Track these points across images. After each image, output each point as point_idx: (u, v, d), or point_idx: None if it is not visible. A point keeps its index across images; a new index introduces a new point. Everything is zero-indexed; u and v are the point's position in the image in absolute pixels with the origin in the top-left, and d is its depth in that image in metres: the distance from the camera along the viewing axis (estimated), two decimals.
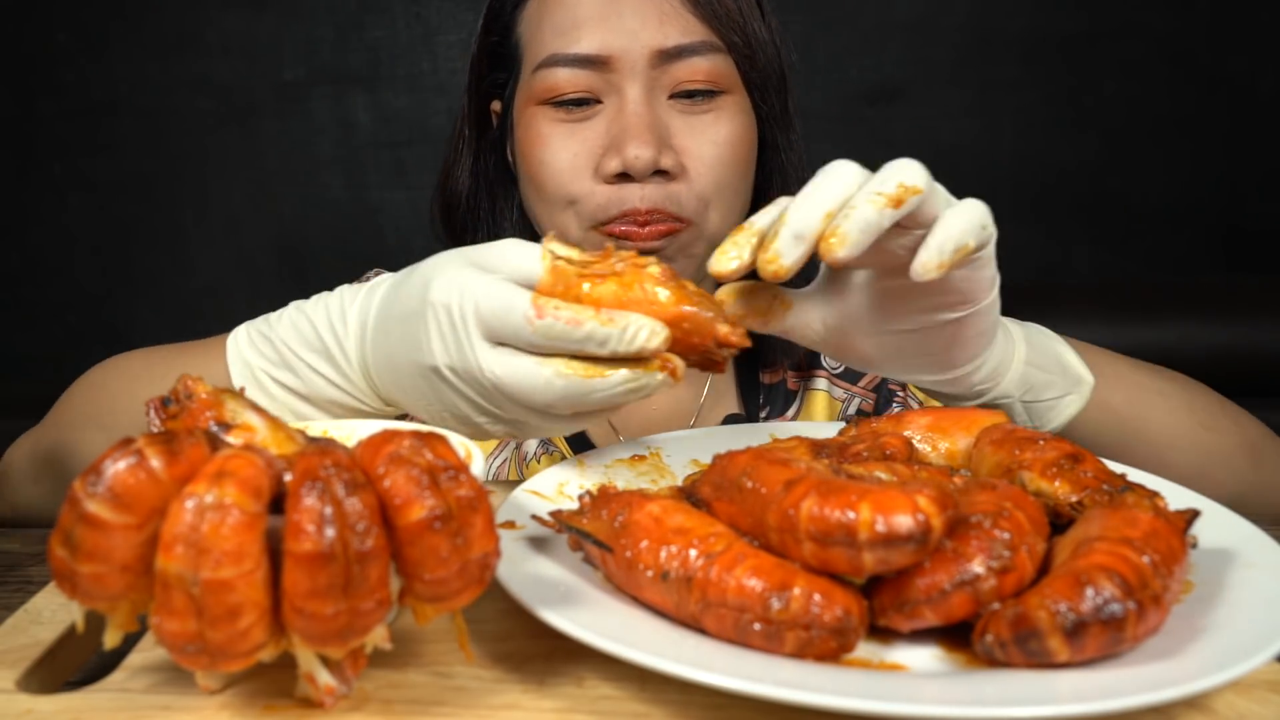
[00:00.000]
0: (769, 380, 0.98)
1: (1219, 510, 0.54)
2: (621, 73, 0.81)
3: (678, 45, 0.81)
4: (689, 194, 0.82)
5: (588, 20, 0.81)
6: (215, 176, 2.42)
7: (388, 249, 2.40)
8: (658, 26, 0.80)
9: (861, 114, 2.29)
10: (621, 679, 0.44)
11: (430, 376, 0.57)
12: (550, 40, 0.83)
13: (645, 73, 0.81)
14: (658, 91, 0.82)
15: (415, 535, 0.37)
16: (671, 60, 0.81)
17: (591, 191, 0.82)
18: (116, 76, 2.37)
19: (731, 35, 0.83)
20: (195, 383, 0.47)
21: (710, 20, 0.82)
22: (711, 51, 0.82)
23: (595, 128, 0.82)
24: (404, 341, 0.58)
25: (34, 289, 2.48)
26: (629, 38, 0.80)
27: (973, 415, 0.61)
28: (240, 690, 0.43)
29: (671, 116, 0.82)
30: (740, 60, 0.84)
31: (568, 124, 0.83)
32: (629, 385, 0.54)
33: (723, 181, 0.83)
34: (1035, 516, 0.45)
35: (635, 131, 0.79)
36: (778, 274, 0.52)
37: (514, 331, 0.53)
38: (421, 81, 2.36)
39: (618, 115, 0.81)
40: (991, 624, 0.41)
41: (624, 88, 0.81)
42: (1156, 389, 0.75)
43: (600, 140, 0.82)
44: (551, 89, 0.82)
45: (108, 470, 0.36)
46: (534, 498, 0.57)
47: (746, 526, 0.46)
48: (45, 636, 0.49)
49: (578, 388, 0.53)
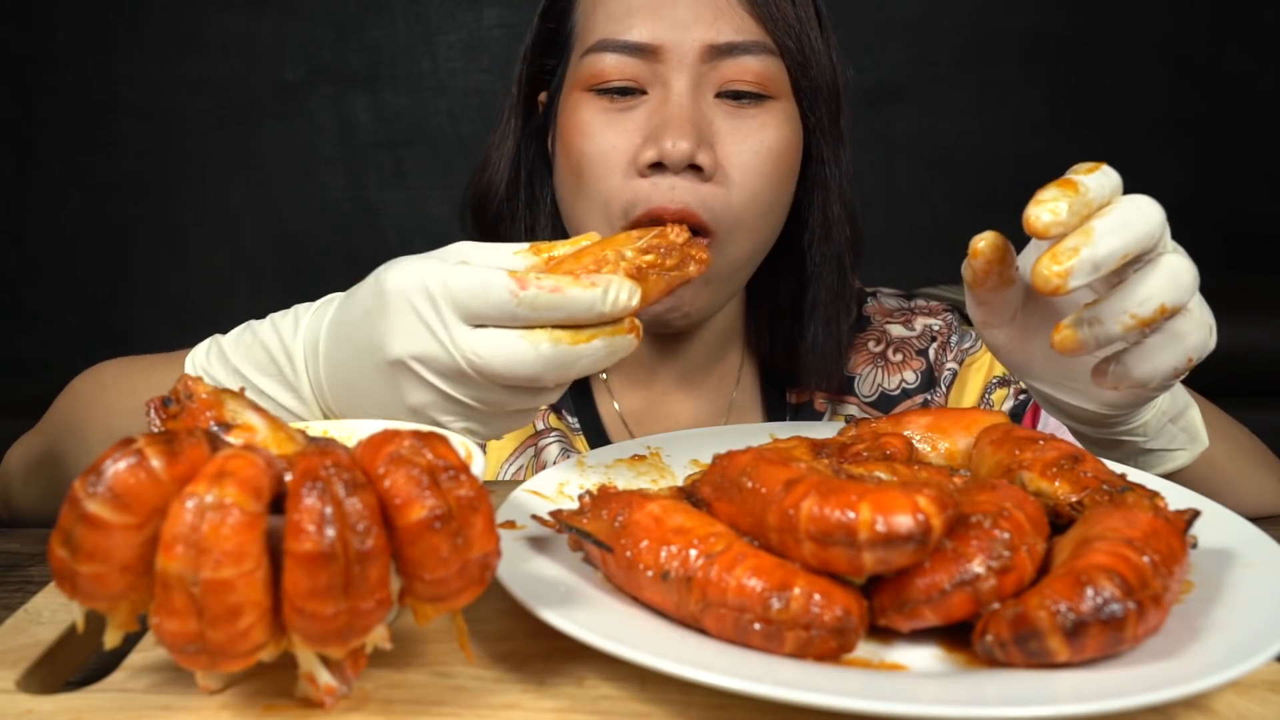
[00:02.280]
0: (795, 400, 0.96)
1: (1219, 510, 0.54)
2: (670, 64, 0.79)
3: (729, 42, 0.79)
4: (722, 202, 0.79)
5: (641, 9, 0.80)
6: (215, 176, 2.42)
7: (388, 249, 2.39)
8: (711, 21, 0.79)
9: (861, 114, 2.28)
10: (621, 679, 0.44)
11: (392, 373, 0.56)
12: (602, 26, 0.82)
13: (694, 67, 0.79)
14: (705, 88, 0.80)
15: (415, 535, 0.37)
16: (722, 57, 0.79)
17: (621, 187, 0.80)
18: (116, 76, 2.37)
19: (786, 39, 0.81)
20: (195, 383, 0.47)
21: (765, 21, 0.81)
22: (763, 53, 0.80)
23: (636, 119, 0.80)
24: (360, 344, 0.57)
25: (34, 289, 2.48)
26: (681, 29, 0.79)
27: (973, 415, 0.61)
28: (240, 690, 0.43)
29: (716, 115, 0.80)
30: (793, 66, 0.82)
31: (609, 113, 0.81)
32: (609, 349, 0.55)
33: (758, 192, 0.81)
34: (1035, 516, 0.45)
35: (675, 122, 0.77)
36: (1058, 290, 0.50)
37: (497, 308, 0.53)
38: (421, 81, 2.36)
39: (660, 106, 0.79)
40: (991, 624, 0.41)
41: (670, 80, 0.79)
42: (1246, 446, 0.79)
43: (640, 132, 0.80)
44: (598, 74, 0.81)
45: (108, 470, 0.36)
46: (534, 498, 0.57)
47: (746, 526, 0.46)
48: (45, 636, 0.49)
49: (566, 354, 0.54)
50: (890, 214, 2.22)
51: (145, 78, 2.37)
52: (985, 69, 2.29)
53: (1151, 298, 0.51)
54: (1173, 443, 0.70)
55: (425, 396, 0.56)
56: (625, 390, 0.95)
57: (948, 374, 0.95)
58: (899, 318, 0.99)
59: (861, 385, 0.96)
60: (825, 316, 0.90)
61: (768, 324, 0.95)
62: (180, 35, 2.35)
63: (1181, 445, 0.70)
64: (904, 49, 2.28)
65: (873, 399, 0.96)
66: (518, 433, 0.93)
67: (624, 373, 0.95)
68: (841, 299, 0.90)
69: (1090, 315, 0.52)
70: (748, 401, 0.97)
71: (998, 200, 0.60)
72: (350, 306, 0.59)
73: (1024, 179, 0.72)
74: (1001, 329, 0.61)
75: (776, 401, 0.96)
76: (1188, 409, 0.70)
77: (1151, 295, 0.51)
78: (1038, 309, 0.60)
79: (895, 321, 0.99)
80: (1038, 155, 2.29)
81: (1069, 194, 0.50)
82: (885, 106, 2.29)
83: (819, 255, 0.89)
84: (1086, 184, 0.51)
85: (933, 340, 0.97)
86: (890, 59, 2.28)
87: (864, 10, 2.25)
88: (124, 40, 2.36)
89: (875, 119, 2.30)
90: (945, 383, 0.95)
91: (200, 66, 2.36)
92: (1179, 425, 0.69)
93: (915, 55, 2.29)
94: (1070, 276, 0.49)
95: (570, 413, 0.94)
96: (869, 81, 2.29)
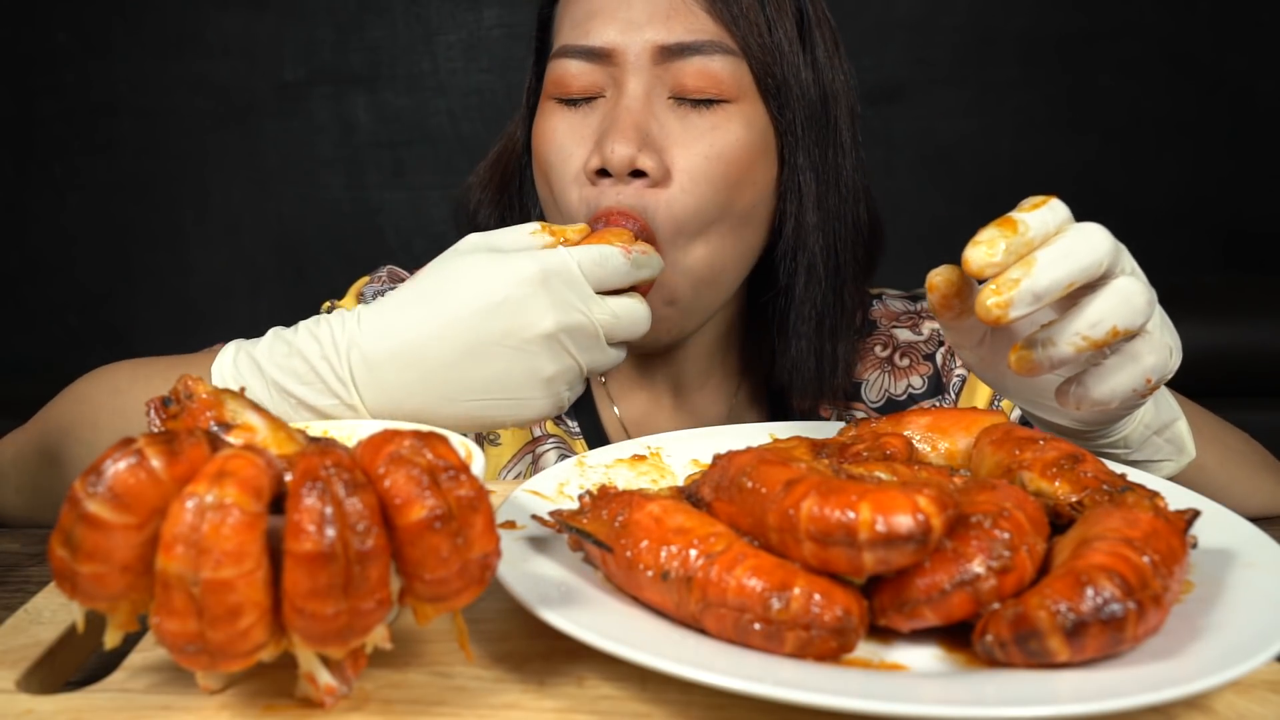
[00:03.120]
0: (800, 407, 0.93)
1: (1219, 510, 0.54)
2: (624, 67, 0.77)
3: (679, 42, 0.76)
4: (665, 208, 0.76)
5: (600, 12, 0.79)
6: (215, 176, 2.42)
7: (387, 249, 2.40)
8: (664, 21, 0.77)
9: (861, 114, 2.29)
10: (621, 679, 0.44)
11: (539, 348, 0.63)
12: (566, 32, 0.81)
13: (647, 69, 0.77)
14: (659, 90, 0.78)
15: (415, 535, 0.37)
16: (674, 58, 0.77)
17: (580, 197, 0.78)
18: (116, 76, 2.37)
19: (748, 38, 0.78)
20: (195, 383, 0.47)
21: (724, 20, 0.77)
22: (719, 53, 0.77)
23: (591, 124, 0.79)
24: (495, 330, 0.62)
25: (34, 289, 2.48)
26: (633, 31, 0.77)
27: (972, 415, 0.61)
28: (240, 690, 0.43)
29: (669, 119, 0.78)
30: (756, 66, 0.79)
31: (569, 120, 0.80)
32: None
33: (705, 199, 0.77)
34: (1035, 516, 0.45)
35: (619, 126, 0.75)
36: (999, 321, 0.51)
37: (617, 271, 0.64)
38: (421, 81, 2.36)
39: (610, 110, 0.78)
40: (991, 624, 0.41)
41: (625, 82, 0.77)
42: (1239, 450, 0.78)
43: (593, 138, 0.78)
44: (559, 81, 0.80)
45: (108, 470, 0.36)
46: (534, 498, 0.57)
47: (746, 526, 0.46)
48: (45, 636, 0.49)
49: (644, 311, 0.67)
50: (890, 214, 2.21)
51: (145, 78, 2.37)
52: (985, 69, 2.28)
53: (1103, 320, 0.53)
54: (1157, 454, 0.69)
55: (562, 364, 0.64)
56: (625, 395, 0.95)
57: (956, 380, 0.94)
58: (905, 321, 0.97)
59: (869, 391, 0.94)
60: (808, 331, 0.85)
61: (755, 338, 0.93)
62: (180, 35, 2.35)
63: (1167, 456, 0.70)
64: (904, 49, 2.28)
65: (879, 404, 0.94)
66: (516, 439, 0.93)
67: (624, 378, 0.95)
68: (833, 312, 0.86)
69: (1044, 337, 0.54)
70: (751, 404, 0.96)
71: (998, 200, 0.60)
72: (462, 301, 0.63)
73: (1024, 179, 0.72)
74: (972, 351, 0.63)
75: (780, 407, 0.95)
76: (1174, 421, 0.69)
77: (1103, 318, 0.53)
78: (1005, 331, 0.61)
79: (902, 326, 0.97)
80: (1038, 155, 2.29)
81: (1007, 234, 0.52)
82: (885, 106, 2.29)
83: (794, 265, 0.84)
84: (1027, 222, 0.53)
85: (940, 345, 0.96)
86: (890, 59, 2.28)
87: (864, 10, 2.25)
88: (124, 40, 2.36)
89: (875, 119, 2.29)
90: (954, 389, 0.94)
91: (200, 66, 2.36)
92: (1164, 437, 0.69)
93: (915, 55, 2.29)
94: (1010, 307, 0.51)
95: (570, 417, 0.94)
96: (869, 81, 2.27)
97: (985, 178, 2.29)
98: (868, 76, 2.29)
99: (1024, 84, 2.28)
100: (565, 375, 0.65)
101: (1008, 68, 2.28)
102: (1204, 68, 2.26)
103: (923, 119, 2.30)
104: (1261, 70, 2.26)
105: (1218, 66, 2.26)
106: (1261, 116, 2.27)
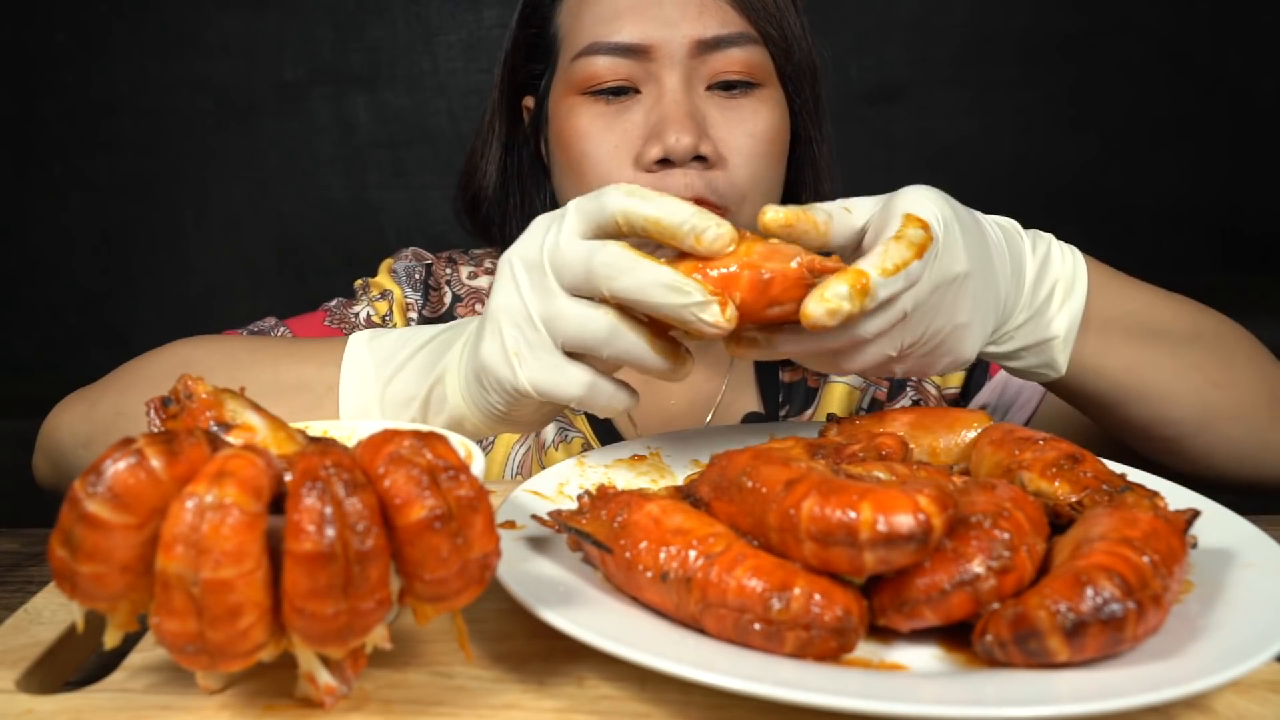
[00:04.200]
0: (789, 379, 0.98)
1: (1219, 510, 0.54)
2: (660, 62, 0.83)
3: (716, 36, 0.83)
4: (727, 183, 0.83)
5: (628, 10, 0.83)
6: (215, 176, 2.41)
7: (388, 249, 2.39)
8: (697, 17, 0.83)
9: (861, 114, 2.28)
10: (621, 679, 0.44)
11: None
12: (591, 29, 0.85)
13: (684, 63, 0.83)
14: (696, 82, 0.84)
15: (415, 535, 0.37)
16: (710, 51, 0.83)
17: (634, 180, 0.83)
18: (116, 76, 2.37)
19: (768, 28, 0.85)
20: (195, 383, 0.47)
21: (748, 13, 0.85)
22: (749, 43, 0.84)
23: (633, 118, 0.84)
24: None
25: (34, 289, 2.48)
26: (669, 27, 0.82)
27: (955, 414, 0.61)
28: (240, 690, 0.43)
29: (709, 107, 0.84)
30: (776, 53, 0.87)
31: (606, 115, 0.84)
32: None
33: (758, 173, 0.85)
34: (1035, 516, 0.45)
35: (675, 118, 0.81)
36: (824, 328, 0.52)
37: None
38: (421, 81, 2.36)
39: (656, 104, 0.83)
40: (991, 624, 0.41)
41: (663, 77, 0.83)
42: (1169, 350, 0.73)
43: (639, 130, 0.83)
44: (591, 77, 0.84)
45: (108, 470, 0.36)
46: (534, 498, 0.57)
47: (746, 526, 0.46)
48: (45, 636, 0.49)
49: None
50: None
51: (145, 78, 2.36)
52: (985, 69, 2.28)
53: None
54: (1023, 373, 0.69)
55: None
56: None
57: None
58: None
59: None
60: None
61: None
62: (180, 35, 2.35)
63: (1035, 365, 0.68)
64: (904, 49, 2.28)
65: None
66: None
67: None
68: None
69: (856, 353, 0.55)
70: (742, 380, 0.98)
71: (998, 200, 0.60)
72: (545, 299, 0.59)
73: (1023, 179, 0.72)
74: (758, 352, 0.61)
75: (770, 380, 0.98)
76: (1049, 340, 0.67)
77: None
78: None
79: None
80: (1038, 155, 2.29)
81: (853, 293, 0.51)
82: (885, 106, 2.29)
83: None
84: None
85: None
86: (890, 59, 2.28)
87: (864, 10, 2.25)
88: (124, 40, 2.35)
89: (875, 119, 2.30)
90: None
91: (200, 66, 2.36)
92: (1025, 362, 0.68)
93: (915, 55, 2.28)
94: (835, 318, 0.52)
95: None
96: (869, 81, 2.28)
97: (985, 178, 2.29)
98: (868, 76, 2.30)
99: (1024, 84, 2.28)
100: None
101: (1008, 68, 2.28)
102: (1203, 67, 2.26)
103: (923, 119, 2.30)
104: (1261, 70, 2.26)
105: (1217, 66, 2.26)
106: (1261, 116, 2.27)
